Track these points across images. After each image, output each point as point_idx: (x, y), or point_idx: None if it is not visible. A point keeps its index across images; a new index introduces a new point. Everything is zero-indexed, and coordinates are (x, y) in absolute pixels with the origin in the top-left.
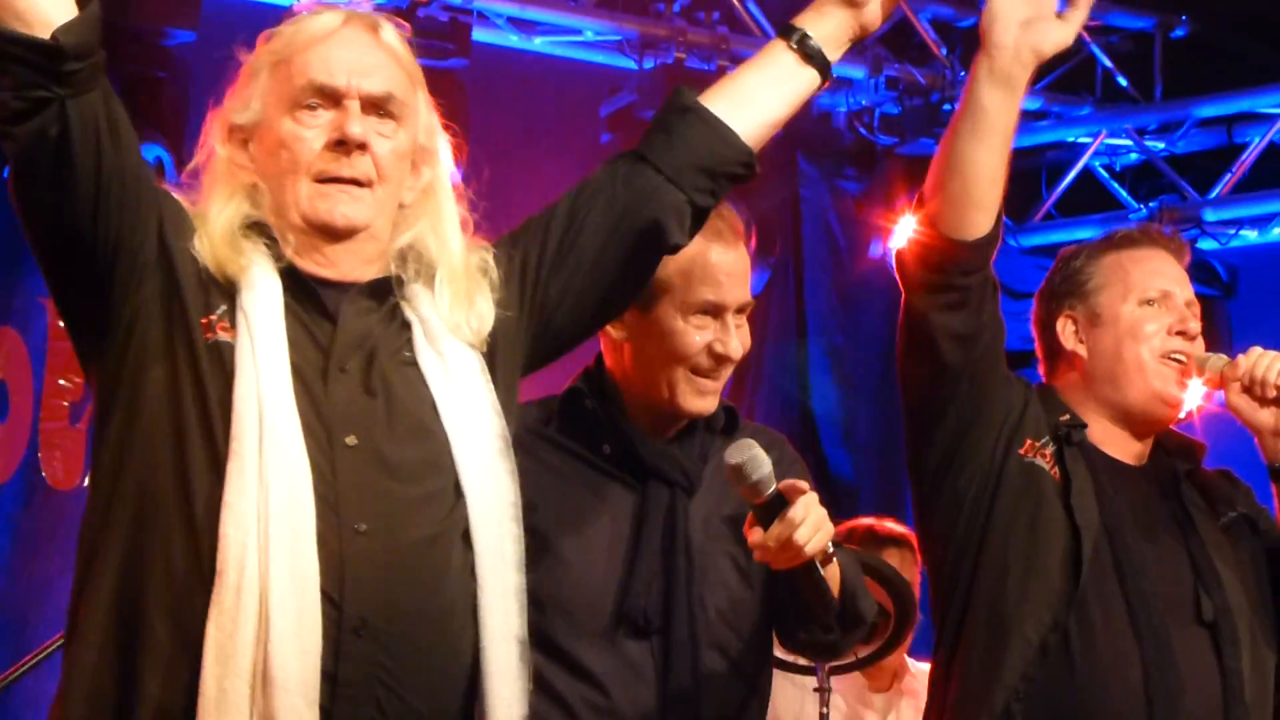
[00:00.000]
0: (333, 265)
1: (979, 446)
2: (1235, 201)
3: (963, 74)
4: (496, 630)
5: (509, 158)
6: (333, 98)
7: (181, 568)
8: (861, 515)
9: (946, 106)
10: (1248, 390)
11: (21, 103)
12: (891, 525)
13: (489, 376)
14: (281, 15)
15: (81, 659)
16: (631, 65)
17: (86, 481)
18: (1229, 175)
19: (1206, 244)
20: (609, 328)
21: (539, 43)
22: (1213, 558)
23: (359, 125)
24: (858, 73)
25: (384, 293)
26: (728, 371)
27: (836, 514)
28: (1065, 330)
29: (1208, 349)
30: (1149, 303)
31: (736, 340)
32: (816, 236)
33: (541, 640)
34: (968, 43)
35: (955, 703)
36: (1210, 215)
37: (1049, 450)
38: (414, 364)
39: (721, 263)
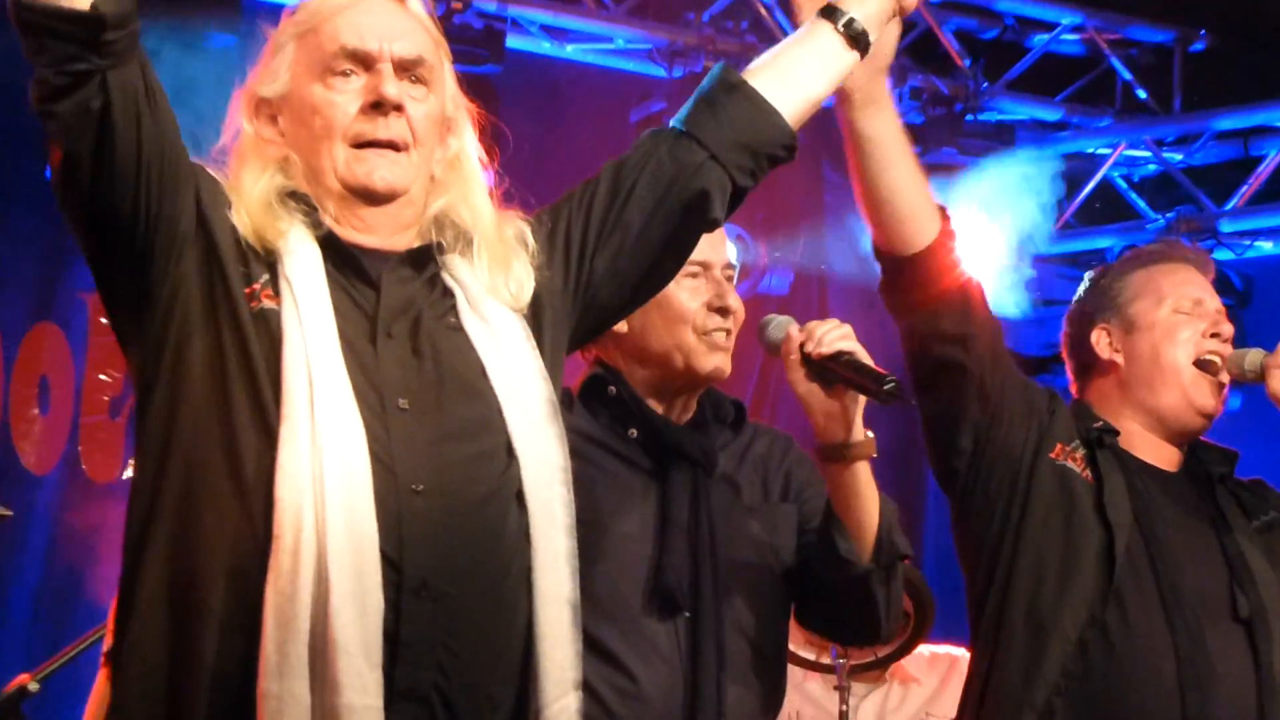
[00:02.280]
0: (371, 231)
1: (1004, 449)
2: (1251, 213)
3: (985, 84)
4: (549, 593)
5: (541, 163)
6: (365, 61)
7: (234, 533)
8: None
9: (969, 117)
10: None
11: (63, 78)
12: None
13: (534, 341)
14: None
15: (134, 636)
16: (661, 73)
17: (126, 474)
18: (1245, 187)
19: (1222, 254)
20: None
21: (571, 50)
22: (1247, 556)
23: (394, 86)
24: None
25: (424, 261)
26: (733, 330)
27: None
28: (1100, 342)
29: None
30: (1183, 311)
31: (732, 294)
32: (841, 242)
33: None
34: (991, 54)
35: (996, 700)
36: (1226, 226)
37: (1079, 454)
38: (460, 329)
39: None
